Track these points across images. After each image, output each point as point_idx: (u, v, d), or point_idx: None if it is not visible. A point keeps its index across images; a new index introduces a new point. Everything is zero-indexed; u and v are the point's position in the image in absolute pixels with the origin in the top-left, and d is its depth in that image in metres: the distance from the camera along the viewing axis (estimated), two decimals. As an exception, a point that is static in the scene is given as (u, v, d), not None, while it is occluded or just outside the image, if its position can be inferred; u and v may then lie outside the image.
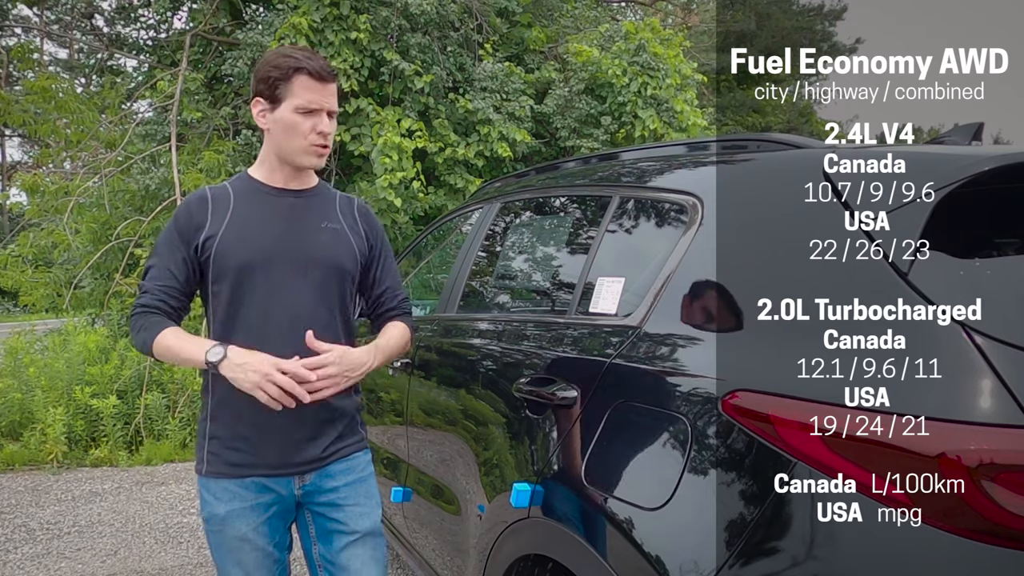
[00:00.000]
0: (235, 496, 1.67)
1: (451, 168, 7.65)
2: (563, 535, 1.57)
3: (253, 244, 1.67)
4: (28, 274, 7.32)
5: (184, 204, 1.74)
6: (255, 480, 1.67)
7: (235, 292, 1.66)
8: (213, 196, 1.73)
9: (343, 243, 1.76)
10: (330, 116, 1.70)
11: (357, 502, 1.76)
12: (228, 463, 1.67)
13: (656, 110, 7.78)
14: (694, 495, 1.28)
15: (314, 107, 1.66)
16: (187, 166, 7.09)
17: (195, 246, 1.67)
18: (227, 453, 1.67)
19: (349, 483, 1.76)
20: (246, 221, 1.70)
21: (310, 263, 1.70)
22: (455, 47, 7.99)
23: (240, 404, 1.62)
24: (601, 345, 1.69)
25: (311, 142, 1.68)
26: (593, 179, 2.22)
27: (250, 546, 1.68)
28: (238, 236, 1.67)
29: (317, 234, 1.73)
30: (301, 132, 1.67)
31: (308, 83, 1.65)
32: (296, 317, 1.66)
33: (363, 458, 1.81)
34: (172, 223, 1.72)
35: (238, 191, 1.74)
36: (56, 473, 5.28)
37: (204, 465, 1.70)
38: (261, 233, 1.69)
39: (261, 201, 1.73)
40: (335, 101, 1.71)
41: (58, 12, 11.63)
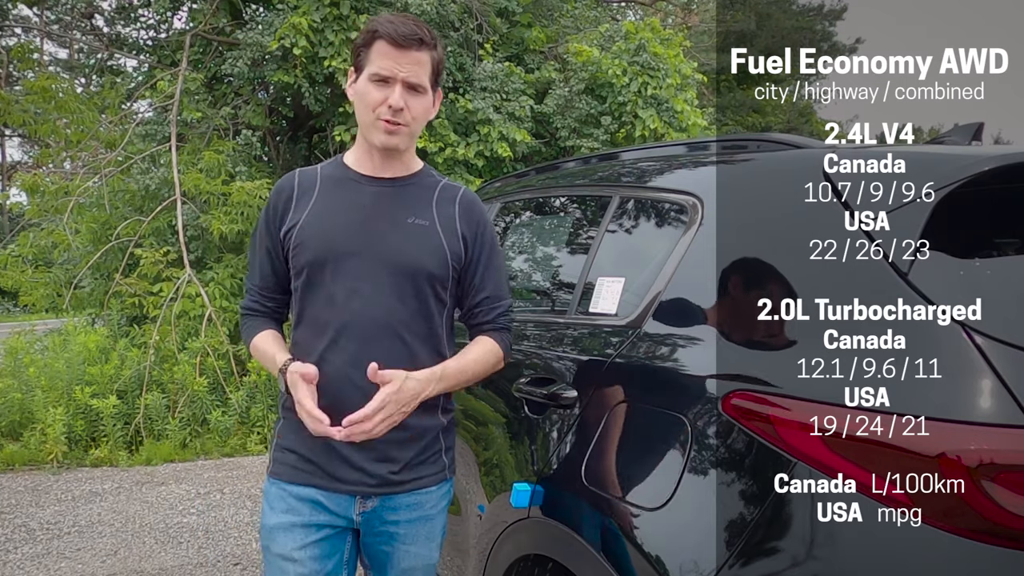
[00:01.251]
0: (289, 509, 1.51)
1: (451, 168, 7.65)
2: (563, 535, 1.57)
3: (326, 237, 1.50)
4: (28, 274, 7.32)
5: (275, 189, 1.60)
6: (313, 495, 1.50)
7: (307, 291, 1.52)
8: (300, 181, 1.58)
9: (430, 243, 1.54)
10: (413, 90, 1.48)
11: (415, 542, 1.57)
12: (290, 466, 1.53)
13: (656, 110, 7.78)
14: (694, 495, 1.28)
15: (386, 75, 1.46)
16: (187, 166, 7.09)
17: (279, 237, 1.54)
18: (291, 457, 1.53)
19: (412, 520, 1.56)
20: (326, 212, 1.53)
21: (389, 262, 1.50)
22: (455, 47, 7.99)
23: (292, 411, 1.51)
24: (601, 345, 1.69)
25: (378, 115, 1.48)
26: (593, 179, 2.22)
27: (295, 569, 1.48)
28: (315, 228, 1.51)
29: (400, 230, 1.53)
30: (369, 103, 1.48)
31: (384, 49, 1.46)
32: (373, 321, 1.48)
33: (437, 493, 1.59)
34: (263, 213, 1.60)
35: (326, 176, 1.58)
36: (56, 473, 5.28)
37: (271, 464, 1.58)
38: (337, 225, 1.51)
39: (346, 189, 1.56)
40: (422, 73, 1.48)
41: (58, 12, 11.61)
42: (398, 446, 1.51)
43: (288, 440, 1.55)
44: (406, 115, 1.49)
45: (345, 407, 1.42)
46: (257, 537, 4.00)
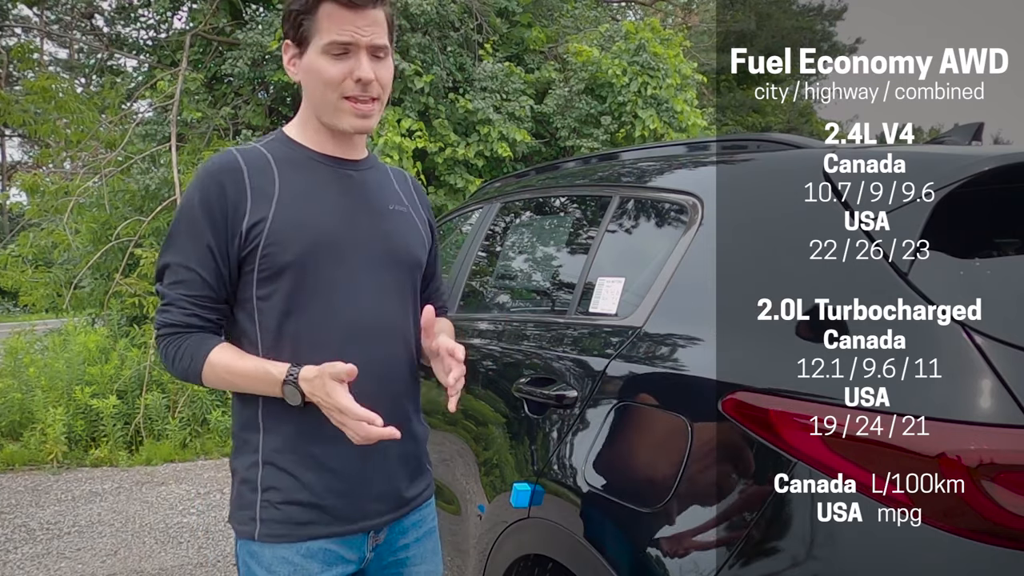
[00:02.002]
0: (296, 570, 1.24)
1: (451, 168, 7.65)
2: (563, 535, 1.57)
3: (309, 231, 1.24)
4: (28, 274, 7.32)
5: (207, 176, 1.24)
6: (323, 546, 1.26)
7: (294, 298, 1.24)
8: (248, 164, 1.25)
9: (414, 229, 1.40)
10: (375, 55, 1.25)
11: (424, 560, 1.43)
12: (292, 522, 1.25)
13: (656, 110, 7.78)
14: (694, 495, 1.28)
15: (346, 41, 1.22)
16: (187, 166, 7.09)
17: (238, 235, 1.22)
18: (290, 509, 1.25)
19: (419, 538, 1.42)
20: (299, 200, 1.26)
21: (386, 256, 1.32)
22: (455, 47, 7.99)
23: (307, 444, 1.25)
24: (601, 345, 1.69)
25: (343, 93, 1.24)
26: (593, 179, 2.22)
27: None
28: (293, 221, 1.24)
29: (389, 218, 1.35)
30: (329, 81, 1.23)
31: (336, 13, 1.21)
32: (378, 326, 1.30)
33: (432, 505, 1.48)
34: (197, 206, 1.23)
35: (280, 158, 1.29)
36: (56, 473, 5.28)
37: (257, 526, 1.25)
38: (320, 216, 1.26)
39: (312, 173, 1.30)
40: (383, 33, 1.25)
41: (58, 12, 11.62)
42: (407, 460, 1.37)
43: (281, 491, 1.25)
44: (375, 86, 1.26)
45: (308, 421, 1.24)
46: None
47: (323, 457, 1.26)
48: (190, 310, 1.24)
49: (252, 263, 1.24)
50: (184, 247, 1.24)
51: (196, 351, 1.24)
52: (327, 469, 1.26)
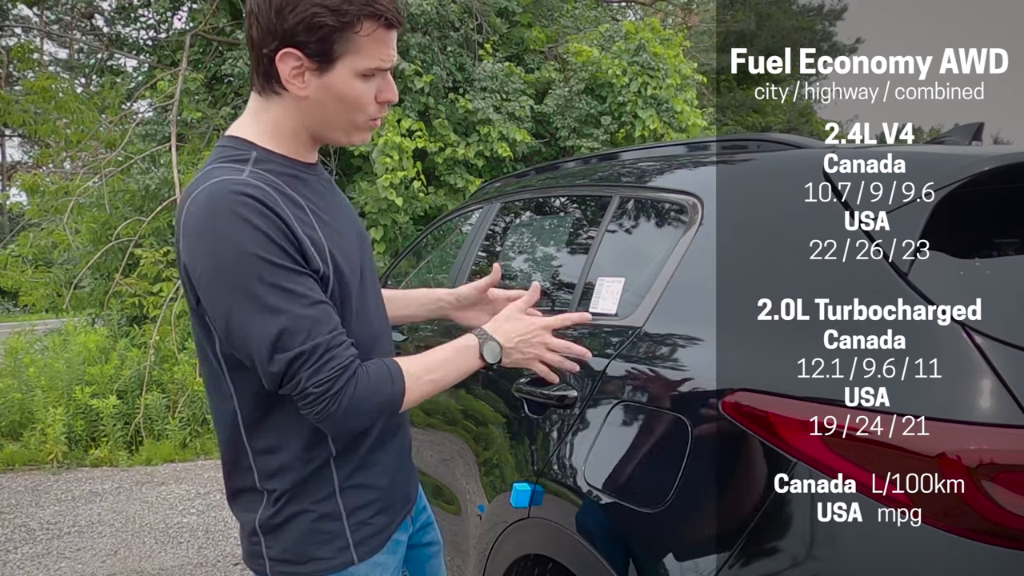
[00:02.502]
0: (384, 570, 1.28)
1: (451, 168, 7.65)
2: (563, 535, 1.57)
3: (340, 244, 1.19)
4: (28, 274, 7.33)
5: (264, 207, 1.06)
6: (394, 538, 1.32)
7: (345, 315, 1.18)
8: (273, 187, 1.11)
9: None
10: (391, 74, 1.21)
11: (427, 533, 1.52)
12: (379, 530, 1.27)
13: (656, 110, 7.78)
14: (694, 495, 1.28)
15: (385, 67, 1.15)
16: (187, 166, 7.09)
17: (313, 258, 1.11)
18: (377, 519, 1.26)
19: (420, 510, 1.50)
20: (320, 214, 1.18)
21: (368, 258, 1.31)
22: (455, 47, 7.99)
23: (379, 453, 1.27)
24: (601, 345, 1.69)
25: (370, 115, 1.18)
26: (593, 179, 2.22)
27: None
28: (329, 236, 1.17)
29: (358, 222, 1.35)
30: (360, 104, 1.15)
31: (379, 33, 1.12)
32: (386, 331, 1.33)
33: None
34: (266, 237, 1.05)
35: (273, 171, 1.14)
36: (56, 473, 5.28)
37: (353, 550, 1.22)
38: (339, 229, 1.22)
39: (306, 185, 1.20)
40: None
41: (58, 12, 11.62)
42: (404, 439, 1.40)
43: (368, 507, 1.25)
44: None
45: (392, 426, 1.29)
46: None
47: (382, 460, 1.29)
48: (342, 340, 1.11)
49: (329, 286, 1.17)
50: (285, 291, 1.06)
51: (384, 374, 1.15)
52: (387, 469, 1.30)
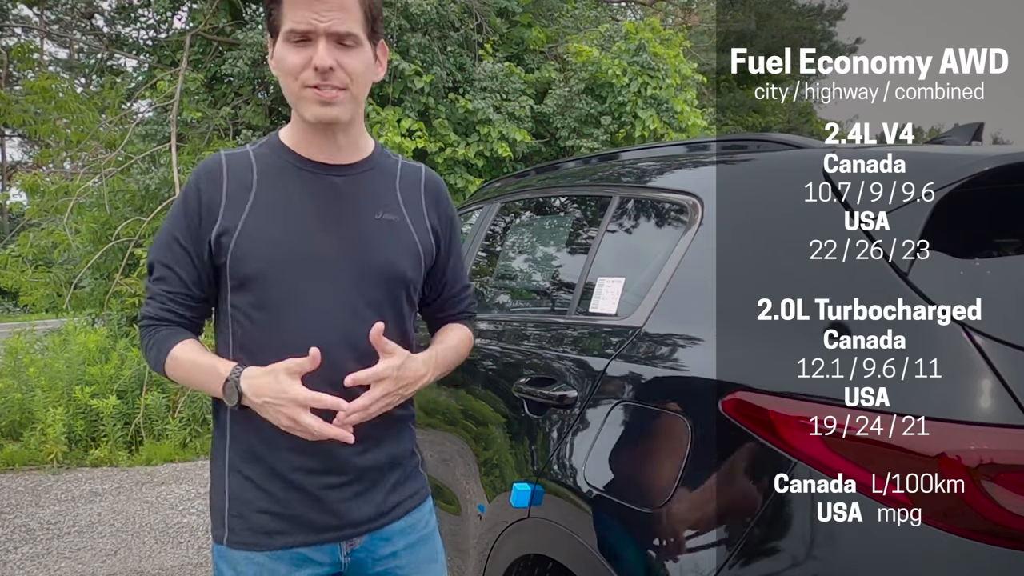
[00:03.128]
0: (263, 571, 1.25)
1: (451, 168, 7.65)
2: (563, 535, 1.57)
3: (277, 244, 1.22)
4: (28, 274, 7.33)
5: (193, 177, 1.26)
6: (290, 553, 1.26)
7: (258, 310, 1.23)
8: (230, 168, 1.25)
9: (403, 242, 1.31)
10: (341, 44, 1.19)
11: (418, 570, 1.37)
12: (258, 531, 1.25)
13: (656, 110, 7.78)
14: (694, 495, 1.28)
15: (303, 28, 1.16)
16: (187, 166, 7.09)
17: (207, 242, 1.22)
18: (256, 518, 1.25)
19: (410, 545, 1.36)
20: (273, 210, 1.23)
21: (360, 272, 1.25)
22: (455, 47, 7.99)
23: (270, 454, 1.24)
24: (601, 345, 1.69)
25: (304, 82, 1.19)
26: (593, 179, 2.22)
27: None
28: (262, 232, 1.22)
29: (370, 230, 1.28)
30: (289, 69, 1.19)
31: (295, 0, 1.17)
32: (345, 345, 1.23)
33: (425, 508, 1.41)
34: (179, 206, 1.25)
35: (264, 164, 1.27)
36: (56, 473, 5.28)
37: (225, 532, 1.26)
38: (291, 229, 1.23)
39: (294, 180, 1.26)
40: (345, 19, 1.18)
41: (58, 12, 11.63)
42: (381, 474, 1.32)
43: (247, 502, 1.26)
44: (340, 75, 1.19)
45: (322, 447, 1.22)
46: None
47: (287, 468, 1.24)
48: (167, 305, 1.27)
49: (224, 271, 1.24)
50: (163, 244, 1.27)
51: (163, 343, 1.26)
52: (289, 480, 1.25)
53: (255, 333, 1.24)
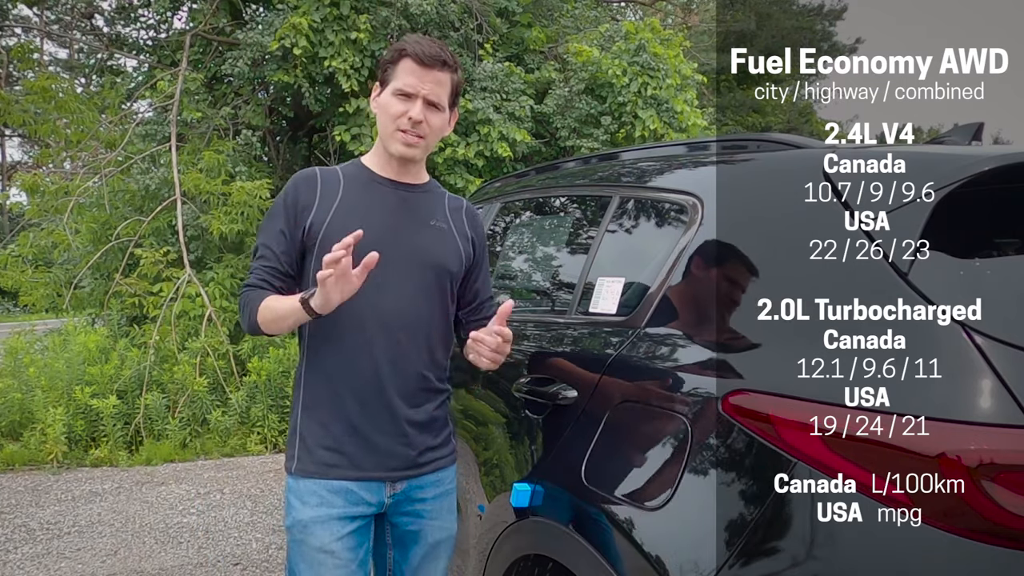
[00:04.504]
0: (323, 502, 1.56)
1: (451, 168, 7.65)
2: (563, 535, 1.57)
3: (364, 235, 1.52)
4: (28, 274, 7.31)
5: (292, 182, 1.65)
6: (346, 486, 1.57)
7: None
8: (323, 177, 1.65)
9: (450, 244, 1.69)
10: (433, 107, 1.61)
11: (440, 516, 1.71)
12: (320, 463, 1.57)
13: (656, 110, 7.78)
14: (694, 495, 1.28)
15: (410, 91, 1.58)
16: (187, 166, 7.09)
17: (302, 228, 1.60)
18: (320, 452, 1.57)
19: (437, 496, 1.70)
20: (355, 209, 1.61)
21: (417, 261, 1.63)
22: (455, 47, 7.99)
23: (335, 401, 1.57)
24: (601, 345, 1.69)
25: (398, 126, 1.59)
26: (593, 179, 2.22)
27: (333, 560, 1.55)
28: (346, 223, 1.56)
29: (426, 232, 1.66)
30: (391, 115, 1.60)
31: (410, 67, 1.59)
32: (401, 315, 1.59)
33: (451, 471, 1.76)
34: (280, 200, 1.64)
35: (349, 176, 1.67)
36: (56, 473, 5.28)
37: (294, 462, 1.60)
38: (370, 223, 1.57)
39: (372, 190, 1.66)
40: (440, 92, 1.62)
41: (58, 12, 11.62)
42: (419, 431, 1.63)
43: (313, 437, 1.59)
44: (424, 128, 1.61)
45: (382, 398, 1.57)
46: (258, 537, 4.00)
47: (348, 414, 1.57)
48: (263, 276, 1.61)
49: (313, 251, 1.59)
50: (267, 230, 1.63)
51: (256, 301, 1.58)
52: (351, 424, 1.57)
53: None
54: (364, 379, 1.57)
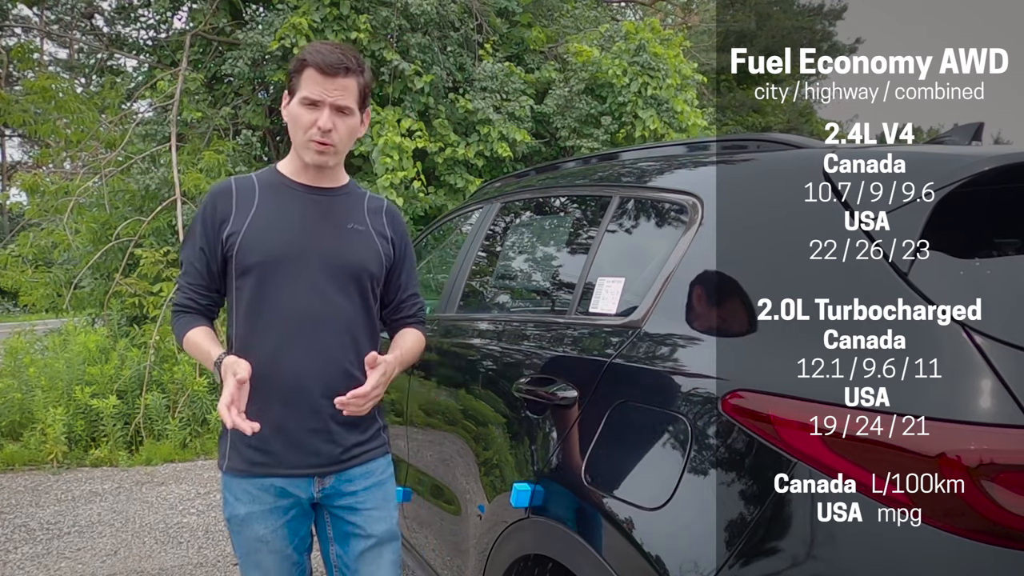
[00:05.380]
0: (254, 499, 1.66)
1: (451, 168, 7.65)
2: (563, 535, 1.57)
3: (277, 240, 1.64)
4: (28, 274, 7.31)
5: (209, 196, 1.70)
6: (273, 482, 1.65)
7: (257, 290, 1.63)
8: (238, 188, 1.70)
9: (368, 245, 1.73)
10: (340, 112, 1.64)
11: (376, 506, 1.75)
12: (247, 461, 1.65)
13: (656, 110, 7.78)
14: (694, 495, 1.28)
15: (315, 99, 1.61)
16: (187, 166, 7.09)
17: (220, 240, 1.65)
18: (247, 451, 1.65)
19: (368, 487, 1.74)
20: (270, 216, 1.66)
21: (335, 263, 1.67)
22: (455, 47, 7.99)
23: (258, 404, 1.59)
24: (601, 345, 1.69)
25: (309, 137, 1.63)
26: (593, 179, 2.22)
27: (268, 548, 1.67)
28: (262, 231, 1.64)
29: (343, 234, 1.70)
30: (301, 125, 1.63)
31: (313, 76, 1.61)
32: (319, 315, 1.64)
33: (383, 462, 1.79)
34: (198, 216, 1.70)
35: (264, 184, 1.71)
36: (56, 473, 5.28)
37: (225, 461, 1.69)
38: (285, 229, 1.65)
39: (286, 196, 1.70)
40: (345, 96, 1.63)
41: (58, 12, 11.63)
42: (346, 429, 1.69)
43: (240, 436, 1.62)
44: (334, 135, 1.64)
45: (305, 397, 1.63)
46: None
47: (273, 414, 1.61)
48: (188, 294, 1.71)
49: (231, 261, 1.65)
50: (188, 247, 1.70)
51: (183, 328, 1.69)
52: (275, 423, 1.62)
53: (250, 308, 1.64)
54: (287, 380, 1.62)
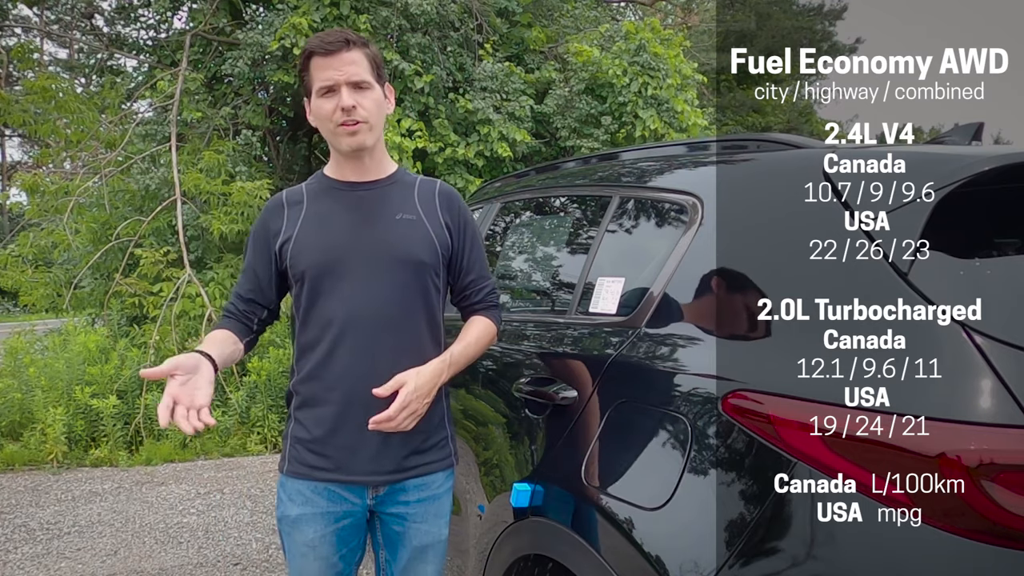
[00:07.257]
0: (308, 501, 1.62)
1: (451, 168, 7.65)
2: (563, 535, 1.57)
3: (323, 244, 1.60)
4: (28, 274, 7.31)
5: (261, 213, 1.71)
6: (328, 487, 1.62)
7: (311, 294, 1.60)
8: (288, 199, 1.69)
9: (420, 235, 1.65)
10: (358, 88, 1.57)
11: (425, 519, 1.68)
12: (305, 464, 1.63)
13: (656, 110, 7.78)
14: (694, 495, 1.28)
15: (330, 83, 1.56)
16: (187, 166, 7.09)
17: (273, 253, 1.65)
18: (305, 455, 1.63)
19: (421, 499, 1.67)
20: (317, 221, 1.64)
21: (386, 259, 1.60)
22: (455, 47, 7.99)
23: (319, 409, 1.60)
24: (601, 345, 1.69)
25: (336, 122, 1.57)
26: (593, 179, 2.22)
27: (315, 554, 1.62)
28: (309, 237, 1.62)
29: (391, 227, 1.63)
30: (325, 114, 1.57)
31: (318, 62, 1.56)
32: (377, 316, 1.58)
33: (441, 476, 1.70)
34: (253, 231, 1.70)
35: (311, 191, 1.69)
36: (56, 473, 5.28)
37: (285, 463, 1.67)
38: (331, 232, 1.62)
39: (332, 198, 1.66)
40: (358, 70, 1.56)
41: (58, 12, 11.63)
42: (403, 436, 1.59)
43: (300, 439, 1.63)
44: (360, 111, 1.57)
45: (358, 398, 1.56)
46: (258, 537, 4.00)
47: (332, 418, 1.59)
48: (233, 300, 1.71)
49: (287, 270, 1.64)
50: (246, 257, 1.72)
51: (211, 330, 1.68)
52: (333, 428, 1.59)
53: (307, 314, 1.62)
54: (345, 384, 1.58)
